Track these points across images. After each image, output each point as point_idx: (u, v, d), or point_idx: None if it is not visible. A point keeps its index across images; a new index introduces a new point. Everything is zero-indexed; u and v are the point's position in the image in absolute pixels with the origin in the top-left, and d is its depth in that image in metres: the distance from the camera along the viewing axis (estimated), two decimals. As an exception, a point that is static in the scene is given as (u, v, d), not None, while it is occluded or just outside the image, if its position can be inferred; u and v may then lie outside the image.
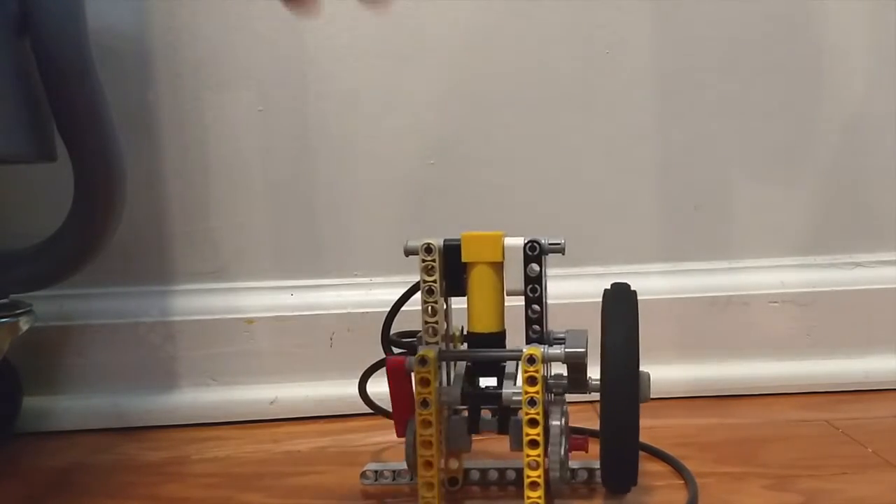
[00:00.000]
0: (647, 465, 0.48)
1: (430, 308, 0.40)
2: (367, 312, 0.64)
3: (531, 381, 0.37)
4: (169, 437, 0.59)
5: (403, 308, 0.45)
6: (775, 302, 0.65)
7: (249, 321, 0.64)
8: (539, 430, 0.38)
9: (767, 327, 0.65)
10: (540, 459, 0.38)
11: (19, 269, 0.52)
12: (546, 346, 0.39)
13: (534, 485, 0.38)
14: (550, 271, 0.67)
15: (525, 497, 0.38)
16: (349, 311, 0.64)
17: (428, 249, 0.40)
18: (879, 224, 0.67)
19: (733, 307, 0.65)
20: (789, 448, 0.51)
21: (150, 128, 0.63)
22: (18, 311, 0.52)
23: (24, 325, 0.53)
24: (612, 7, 0.64)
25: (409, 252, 0.41)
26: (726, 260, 0.67)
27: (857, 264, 0.67)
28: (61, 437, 0.59)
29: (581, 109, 0.65)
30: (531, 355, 0.37)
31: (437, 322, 0.40)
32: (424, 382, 0.38)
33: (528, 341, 0.40)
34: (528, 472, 0.38)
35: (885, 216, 0.67)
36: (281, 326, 0.64)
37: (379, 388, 0.46)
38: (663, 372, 0.64)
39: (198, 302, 0.64)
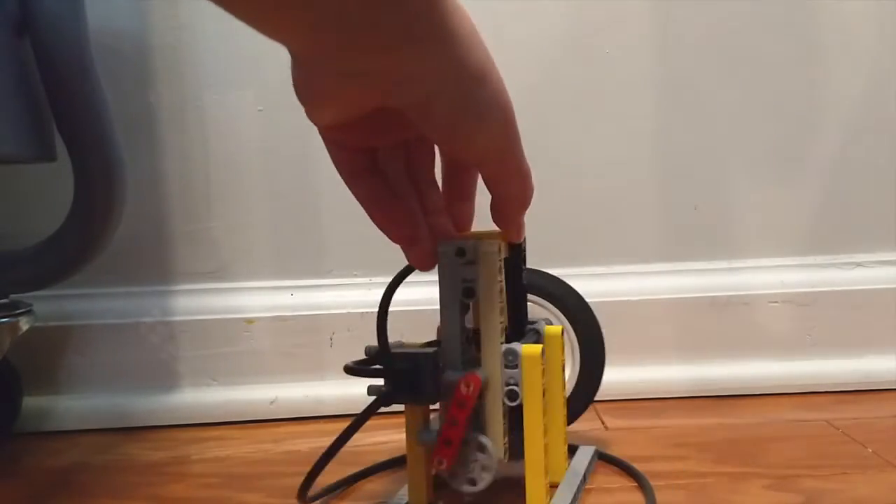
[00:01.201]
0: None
1: (501, 308, 0.40)
2: (367, 312, 0.64)
3: None
4: (169, 437, 0.59)
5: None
6: (775, 302, 0.65)
7: (249, 321, 0.64)
8: None
9: (767, 327, 0.65)
10: None
11: (19, 269, 0.52)
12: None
13: None
14: (552, 271, 0.67)
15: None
16: (349, 311, 0.64)
17: (500, 248, 0.39)
18: (879, 224, 0.67)
19: (733, 307, 0.65)
20: (789, 448, 0.51)
21: (150, 128, 0.63)
22: (18, 311, 0.52)
23: (24, 325, 0.53)
24: (612, 7, 0.64)
25: (463, 251, 0.39)
26: (726, 260, 0.67)
27: (857, 264, 0.67)
28: (62, 437, 0.59)
29: (581, 109, 0.65)
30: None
31: (504, 321, 0.41)
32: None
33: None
34: None
35: (885, 216, 0.67)
36: (281, 326, 0.64)
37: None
38: (663, 372, 0.64)
39: (198, 302, 0.64)
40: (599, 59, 0.65)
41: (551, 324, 0.46)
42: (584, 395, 0.50)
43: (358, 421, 0.38)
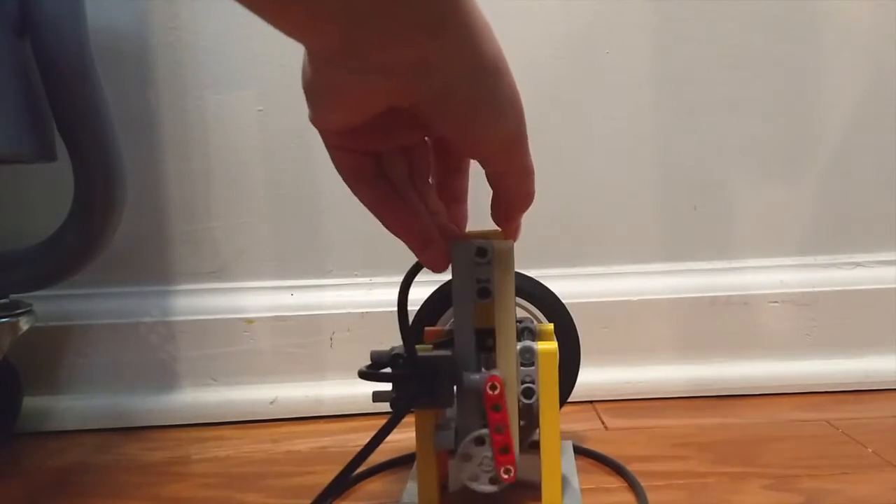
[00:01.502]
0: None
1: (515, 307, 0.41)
2: (367, 312, 0.64)
3: None
4: (169, 437, 0.59)
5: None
6: (775, 302, 0.65)
7: (249, 321, 0.64)
8: None
9: (767, 327, 0.65)
10: None
11: (19, 269, 0.52)
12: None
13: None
14: (552, 271, 0.67)
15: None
16: (349, 311, 0.64)
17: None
18: (879, 224, 0.67)
19: (733, 307, 0.65)
20: (789, 448, 0.51)
21: (150, 128, 0.63)
22: (18, 311, 0.52)
23: (24, 325, 0.53)
24: (612, 7, 0.64)
25: (484, 251, 0.38)
26: (726, 260, 0.67)
27: (857, 264, 0.67)
28: (62, 437, 0.59)
29: (581, 109, 0.65)
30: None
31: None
32: None
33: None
34: None
35: (885, 216, 0.67)
36: (281, 326, 0.64)
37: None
38: (663, 372, 0.64)
39: (198, 302, 0.64)
40: (599, 59, 0.65)
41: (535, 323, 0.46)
42: (560, 394, 0.50)
43: (382, 433, 0.38)
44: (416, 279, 0.39)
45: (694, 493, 0.44)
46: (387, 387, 0.38)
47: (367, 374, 0.38)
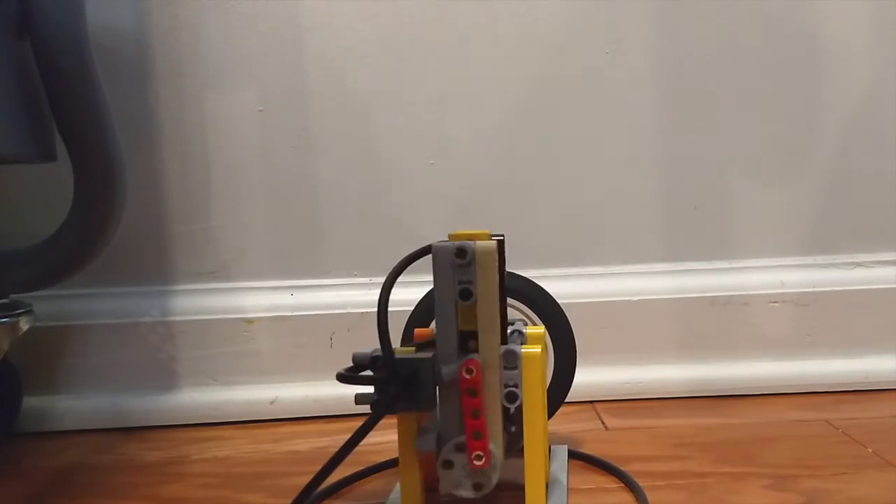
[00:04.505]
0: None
1: (499, 309, 0.40)
2: (367, 312, 0.64)
3: None
4: (169, 437, 0.59)
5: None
6: (775, 302, 0.65)
7: (249, 321, 0.64)
8: None
9: (767, 327, 0.65)
10: None
11: (20, 269, 0.52)
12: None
13: None
14: (552, 271, 0.67)
15: None
16: (349, 311, 0.64)
17: (498, 248, 0.40)
18: (879, 224, 0.67)
19: (733, 307, 0.65)
20: (789, 448, 0.51)
21: (150, 128, 0.63)
22: (18, 311, 0.52)
23: (24, 325, 0.53)
24: (612, 7, 0.64)
25: (464, 252, 0.38)
26: (726, 260, 0.67)
27: (857, 264, 0.67)
28: (61, 437, 0.59)
29: (581, 109, 0.65)
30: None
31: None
32: None
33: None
34: None
35: (885, 216, 0.67)
36: (281, 326, 0.64)
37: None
38: (663, 372, 0.64)
39: (198, 302, 0.64)
40: (599, 59, 0.65)
41: (527, 325, 0.46)
42: (558, 394, 0.50)
43: (357, 436, 0.37)
44: (408, 280, 0.39)
45: (694, 493, 0.44)
46: (371, 389, 0.38)
47: (345, 377, 0.37)
